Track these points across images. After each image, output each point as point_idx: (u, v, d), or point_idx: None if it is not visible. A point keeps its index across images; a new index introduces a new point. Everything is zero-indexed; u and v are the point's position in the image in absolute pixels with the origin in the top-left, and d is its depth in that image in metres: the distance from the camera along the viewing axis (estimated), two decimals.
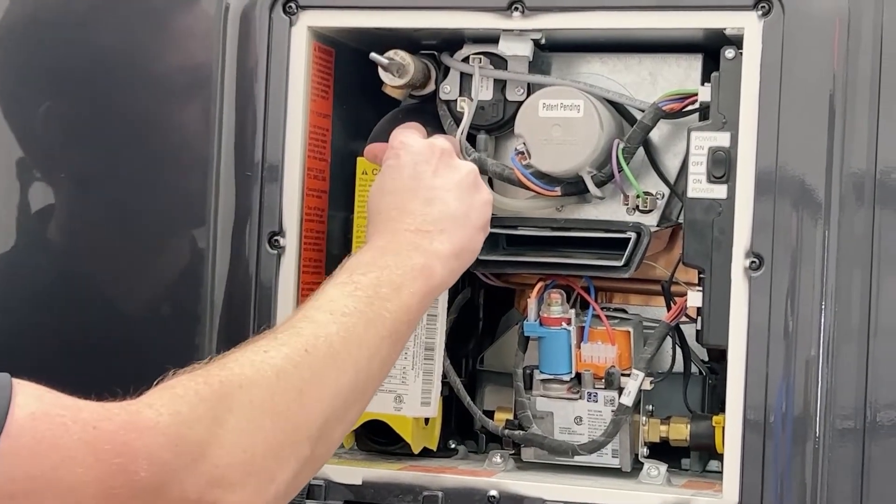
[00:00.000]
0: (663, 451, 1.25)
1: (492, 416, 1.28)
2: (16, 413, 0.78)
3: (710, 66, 1.20)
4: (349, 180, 1.27)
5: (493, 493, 1.16)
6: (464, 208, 1.11)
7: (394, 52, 1.23)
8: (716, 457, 1.26)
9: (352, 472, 1.20)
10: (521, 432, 1.23)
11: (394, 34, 1.22)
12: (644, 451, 1.24)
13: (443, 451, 1.31)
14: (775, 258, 1.10)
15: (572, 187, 1.21)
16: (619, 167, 1.19)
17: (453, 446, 1.33)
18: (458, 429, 1.33)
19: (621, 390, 1.20)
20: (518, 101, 1.23)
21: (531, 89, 1.23)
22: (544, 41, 1.21)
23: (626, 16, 1.15)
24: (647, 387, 1.21)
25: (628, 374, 1.21)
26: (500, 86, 1.24)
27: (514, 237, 1.23)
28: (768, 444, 1.10)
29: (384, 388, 1.21)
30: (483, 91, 1.24)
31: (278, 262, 1.21)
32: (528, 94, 1.23)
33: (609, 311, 1.27)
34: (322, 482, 1.19)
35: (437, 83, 1.26)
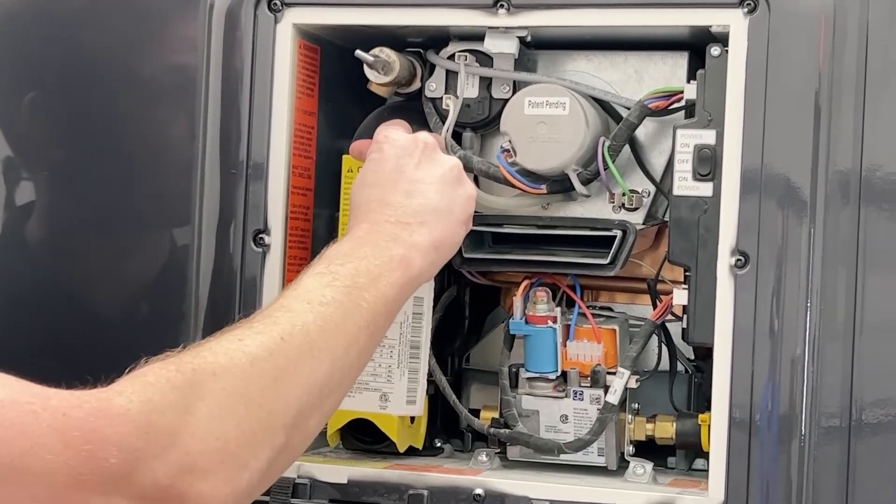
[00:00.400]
0: (649, 449, 1.25)
1: (477, 414, 1.28)
2: None
3: (695, 63, 1.20)
4: (335, 178, 1.27)
5: (478, 491, 1.16)
6: (445, 201, 1.11)
7: (379, 49, 1.23)
8: (702, 455, 1.26)
9: (337, 470, 1.20)
10: (507, 431, 1.23)
11: (379, 31, 1.22)
12: (630, 449, 1.24)
13: (428, 450, 1.30)
14: (761, 256, 1.10)
15: (558, 185, 1.21)
16: (604, 165, 1.19)
17: (439, 445, 1.33)
18: (443, 427, 1.33)
19: (607, 388, 1.20)
20: (504, 99, 1.22)
21: (517, 87, 1.23)
22: (530, 38, 1.21)
23: (612, 13, 1.15)
24: (633, 385, 1.21)
25: (614, 373, 1.21)
26: (486, 83, 1.24)
27: (499, 235, 1.23)
28: (754, 442, 1.10)
29: (369, 386, 1.21)
30: (469, 89, 1.24)
31: (263, 260, 1.21)
32: (514, 92, 1.22)
33: (595, 309, 1.26)
34: (307, 481, 1.19)
35: (422, 81, 1.26)
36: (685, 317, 1.15)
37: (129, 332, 1.24)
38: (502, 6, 1.16)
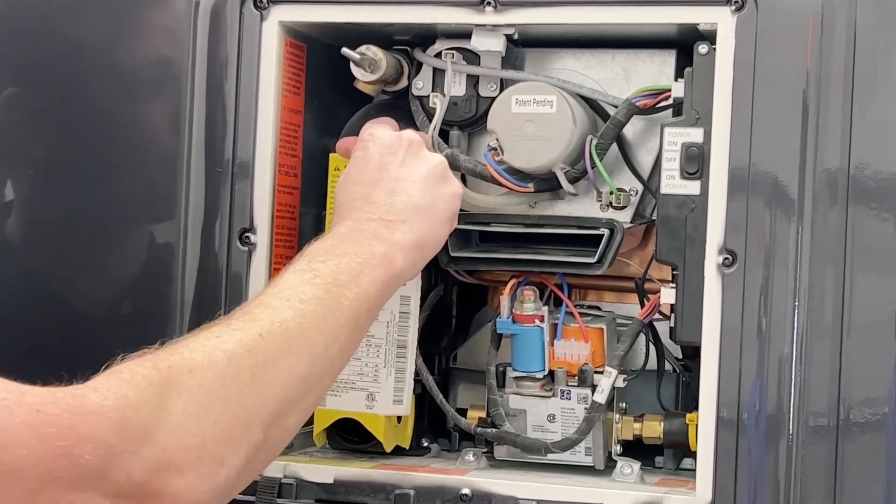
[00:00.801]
0: (637, 448, 1.25)
1: (465, 414, 1.27)
2: None
3: (683, 61, 1.20)
4: (321, 176, 1.26)
5: (465, 491, 1.16)
6: (429, 199, 1.11)
7: (366, 47, 1.23)
8: (689, 454, 1.26)
9: (323, 470, 1.19)
10: (494, 430, 1.23)
11: (366, 29, 1.22)
12: (617, 448, 1.24)
13: (415, 450, 1.30)
14: (748, 255, 1.10)
15: (545, 184, 1.21)
16: (592, 163, 1.19)
17: (426, 444, 1.32)
18: (430, 427, 1.33)
19: (594, 388, 1.20)
20: (491, 97, 1.22)
21: (504, 85, 1.22)
22: (517, 36, 1.21)
23: (599, 11, 1.15)
24: (621, 384, 1.21)
25: (601, 372, 1.20)
26: (473, 81, 1.23)
27: (487, 234, 1.23)
28: (742, 441, 1.10)
29: (356, 385, 1.20)
30: (456, 87, 1.23)
31: (249, 259, 1.21)
32: (501, 90, 1.22)
33: (582, 308, 1.26)
34: (293, 481, 1.19)
35: (409, 79, 1.26)
36: (673, 316, 1.15)
37: (113, 331, 1.24)
38: (489, 4, 1.16)
